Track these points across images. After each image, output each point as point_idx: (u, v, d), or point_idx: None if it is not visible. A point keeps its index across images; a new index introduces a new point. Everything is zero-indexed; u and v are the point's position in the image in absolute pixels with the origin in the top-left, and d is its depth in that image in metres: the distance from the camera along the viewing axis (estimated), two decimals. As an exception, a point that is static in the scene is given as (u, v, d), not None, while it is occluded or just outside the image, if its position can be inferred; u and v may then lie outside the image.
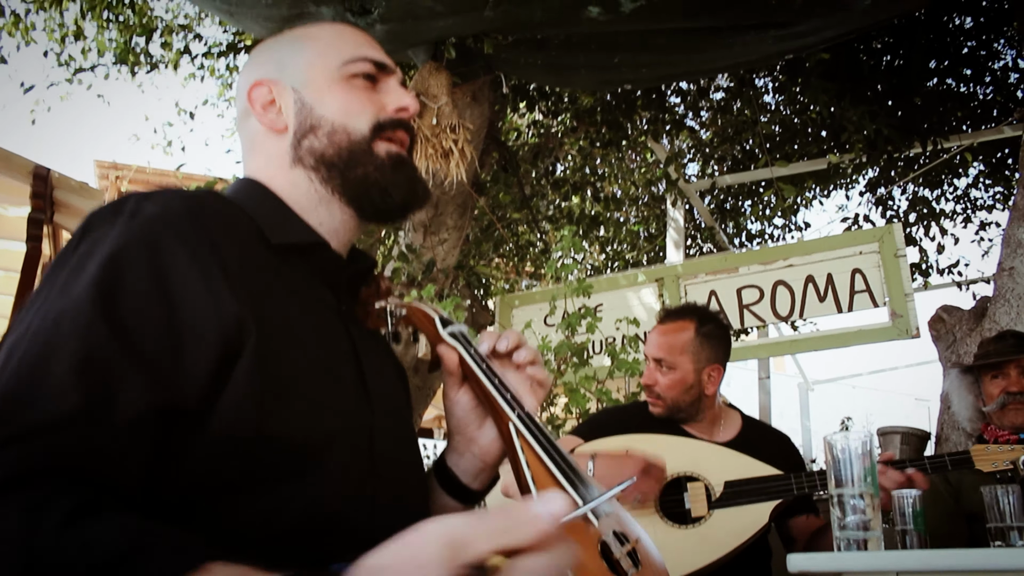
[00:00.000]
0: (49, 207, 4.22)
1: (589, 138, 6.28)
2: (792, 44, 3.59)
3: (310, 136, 1.21)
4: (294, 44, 1.28)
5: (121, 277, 0.91)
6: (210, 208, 1.05)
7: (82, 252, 0.94)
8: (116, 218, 0.96)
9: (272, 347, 0.97)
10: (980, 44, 6.19)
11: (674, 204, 6.34)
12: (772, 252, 4.82)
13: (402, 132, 1.25)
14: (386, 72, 1.27)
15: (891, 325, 4.32)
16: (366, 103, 1.22)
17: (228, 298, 0.95)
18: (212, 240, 0.99)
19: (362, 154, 1.20)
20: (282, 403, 0.97)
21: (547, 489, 1.07)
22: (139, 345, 0.88)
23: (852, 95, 5.40)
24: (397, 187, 1.21)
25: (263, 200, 1.19)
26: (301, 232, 1.17)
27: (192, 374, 0.91)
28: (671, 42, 3.53)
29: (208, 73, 6.20)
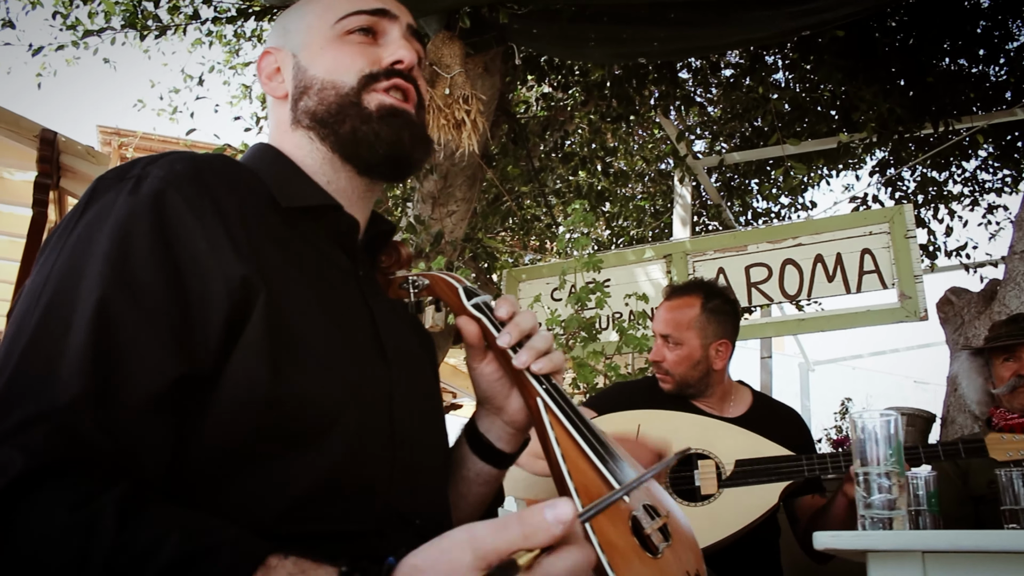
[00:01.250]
0: (55, 172, 4.20)
1: (599, 112, 6.23)
2: (809, 20, 3.54)
3: (304, 97, 1.21)
4: (298, 10, 1.29)
5: (129, 249, 0.90)
6: (217, 171, 1.04)
7: (89, 219, 0.93)
8: (122, 183, 0.96)
9: (282, 307, 0.96)
10: (995, 25, 6.12)
11: (681, 181, 6.30)
12: (781, 230, 4.79)
13: (400, 81, 1.21)
14: (388, 19, 1.25)
15: (899, 306, 4.30)
16: (356, 56, 1.20)
17: (233, 260, 0.94)
18: (218, 204, 0.98)
19: (350, 107, 1.18)
20: (294, 363, 0.95)
21: (577, 464, 1.04)
22: (152, 318, 0.88)
23: (865, 74, 5.35)
24: (381, 139, 1.17)
25: (274, 162, 1.19)
26: (311, 194, 1.16)
27: (203, 339, 0.91)
28: (685, 16, 3.48)
29: (216, 39, 6.15)
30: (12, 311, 0.93)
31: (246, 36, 6.45)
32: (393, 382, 1.10)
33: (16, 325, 0.88)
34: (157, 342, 0.87)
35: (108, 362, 0.84)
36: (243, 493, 0.92)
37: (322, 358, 0.99)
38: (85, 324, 0.84)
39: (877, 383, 15.56)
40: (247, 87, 6.91)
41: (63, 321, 0.85)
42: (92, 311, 0.85)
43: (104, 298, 0.86)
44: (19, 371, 0.83)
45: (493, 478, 1.29)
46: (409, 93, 1.22)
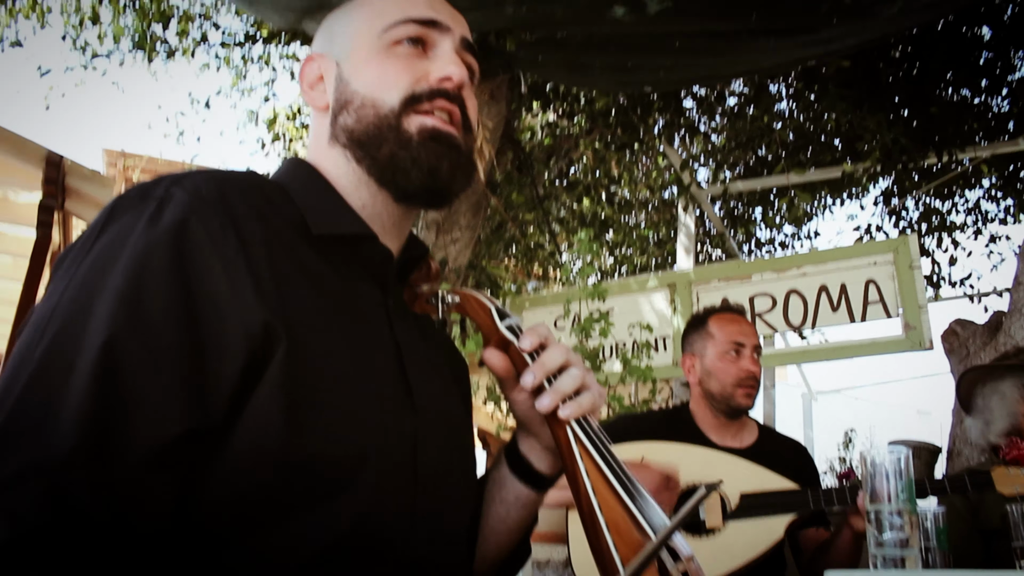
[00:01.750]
0: (60, 194, 4.20)
1: (604, 140, 6.25)
2: (815, 50, 3.56)
3: (343, 112, 1.12)
4: (346, 14, 1.20)
5: (143, 287, 0.83)
6: (245, 195, 0.97)
7: (104, 245, 0.87)
8: (144, 205, 0.89)
9: (303, 355, 0.90)
10: (997, 56, 6.15)
11: (685, 209, 6.31)
12: (785, 260, 4.79)
13: (443, 102, 1.10)
14: (440, 30, 1.14)
15: (904, 337, 4.29)
16: (402, 72, 1.10)
17: (255, 304, 0.88)
18: (243, 236, 0.91)
19: (388, 130, 1.08)
20: (313, 416, 0.90)
21: (607, 500, 1.00)
22: (161, 366, 0.82)
23: (869, 104, 5.37)
24: (419, 165, 1.07)
25: (308, 182, 1.11)
26: (345, 222, 1.08)
27: (216, 390, 0.85)
28: (692, 45, 3.50)
29: (223, 63, 6.19)
30: (19, 335, 0.87)
31: (253, 60, 6.49)
32: (419, 428, 1.04)
33: (19, 357, 0.82)
34: (165, 393, 0.81)
35: (110, 412, 0.78)
36: (253, 552, 0.87)
37: (343, 412, 0.94)
38: (89, 368, 0.78)
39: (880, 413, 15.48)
40: (253, 112, 6.95)
41: (67, 361, 0.79)
42: (97, 354, 0.79)
43: (111, 340, 0.80)
44: (18, 410, 0.77)
45: (532, 501, 1.22)
46: (454, 115, 1.12)
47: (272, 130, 5.81)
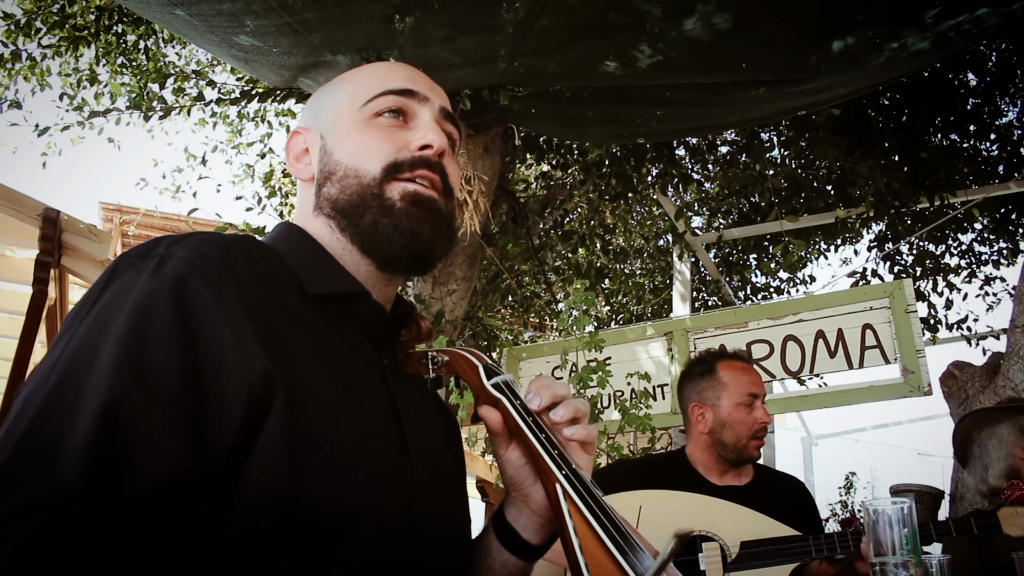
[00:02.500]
0: (57, 250, 4.21)
1: (598, 190, 6.30)
2: (805, 100, 3.61)
3: (327, 183, 1.16)
4: (330, 89, 1.25)
5: (147, 333, 0.85)
6: (244, 254, 0.99)
7: (108, 299, 0.88)
8: (145, 262, 0.91)
9: (303, 406, 0.91)
10: (985, 101, 6.25)
11: (680, 257, 6.34)
12: (782, 307, 4.80)
13: (424, 171, 1.14)
14: (418, 100, 1.20)
15: (903, 382, 4.27)
16: (383, 142, 1.15)
17: (256, 353, 0.89)
18: (243, 290, 0.94)
19: (371, 198, 1.12)
20: (313, 467, 0.90)
21: (595, 556, 0.98)
22: (164, 408, 0.82)
23: (861, 150, 5.43)
24: (400, 231, 1.11)
25: (300, 245, 1.14)
26: (339, 281, 1.10)
27: (217, 435, 0.85)
28: (683, 97, 3.55)
29: (219, 120, 6.26)
30: (18, 390, 0.87)
31: (249, 117, 6.57)
32: (415, 481, 1.04)
33: (22, 403, 0.82)
34: (167, 433, 0.82)
35: (113, 450, 0.78)
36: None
37: (342, 461, 0.94)
38: (93, 409, 0.79)
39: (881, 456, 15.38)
40: (250, 166, 7.01)
41: (70, 404, 0.80)
42: (101, 396, 0.79)
43: (115, 383, 0.80)
44: (23, 447, 0.77)
45: (519, 570, 1.20)
46: (435, 183, 1.15)
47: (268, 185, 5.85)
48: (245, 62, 3.90)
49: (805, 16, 2.86)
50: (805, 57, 3.07)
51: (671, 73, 3.16)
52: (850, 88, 3.54)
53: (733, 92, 3.40)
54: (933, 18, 2.84)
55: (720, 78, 3.28)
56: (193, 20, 3.39)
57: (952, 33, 2.95)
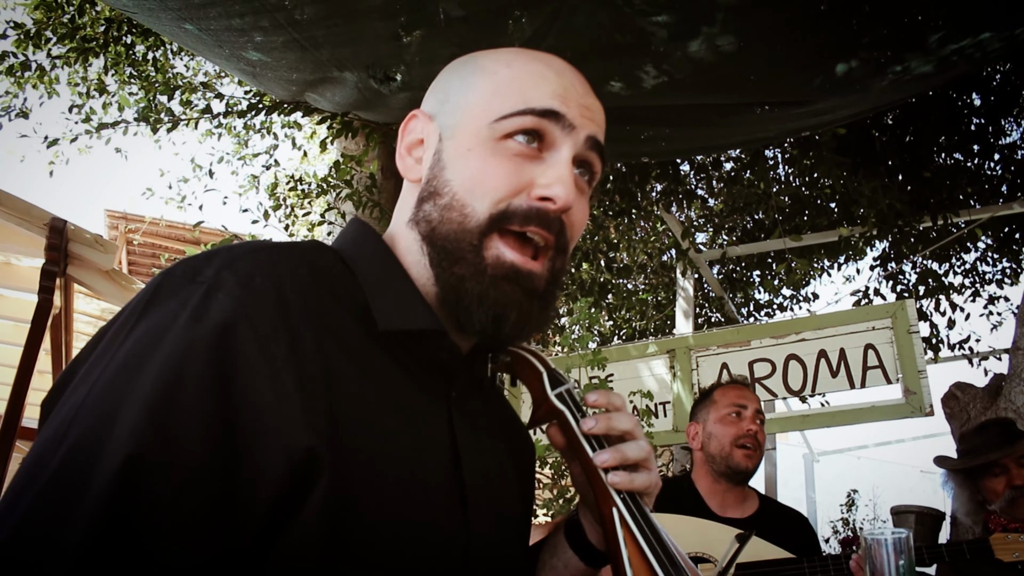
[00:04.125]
0: (63, 260, 4.23)
1: (602, 207, 6.32)
2: (809, 121, 3.62)
3: (430, 201, 0.99)
4: (467, 75, 1.05)
5: (177, 396, 0.74)
6: (304, 286, 0.87)
7: (143, 333, 0.78)
8: (191, 289, 0.80)
9: (348, 482, 0.81)
10: (988, 121, 6.27)
11: (684, 274, 6.35)
12: (784, 326, 4.80)
13: (537, 227, 0.96)
14: (563, 127, 0.99)
15: (904, 402, 4.28)
16: (504, 178, 0.96)
17: (300, 424, 0.78)
18: (295, 343, 0.81)
19: (468, 249, 0.95)
20: (357, 542, 0.81)
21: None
22: (186, 489, 0.73)
23: (865, 170, 5.45)
24: (484, 307, 0.95)
25: (378, 264, 1.00)
26: (417, 316, 0.96)
27: (247, 516, 0.76)
28: (689, 117, 3.57)
29: (226, 131, 6.29)
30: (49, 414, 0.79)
31: (255, 128, 6.60)
32: (472, 534, 0.95)
33: (36, 456, 0.74)
34: (190, 517, 0.72)
35: (124, 536, 0.70)
36: None
37: (389, 533, 0.85)
38: (106, 485, 0.70)
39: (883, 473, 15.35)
40: (255, 177, 7.03)
41: (84, 472, 0.71)
42: (116, 470, 0.70)
43: (133, 456, 0.71)
44: (26, 525, 0.70)
45: (581, 574, 1.13)
46: (548, 241, 0.98)
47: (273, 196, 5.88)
48: (253, 76, 3.93)
49: (809, 39, 2.88)
50: (809, 79, 3.08)
51: (676, 94, 3.18)
52: (854, 110, 3.56)
53: (738, 112, 3.42)
54: (936, 42, 2.86)
55: (725, 99, 3.30)
56: (202, 35, 3.42)
57: (955, 57, 2.96)
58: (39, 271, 4.17)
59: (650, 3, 2.61)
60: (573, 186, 0.99)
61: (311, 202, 5.79)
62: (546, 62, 1.04)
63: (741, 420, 2.83)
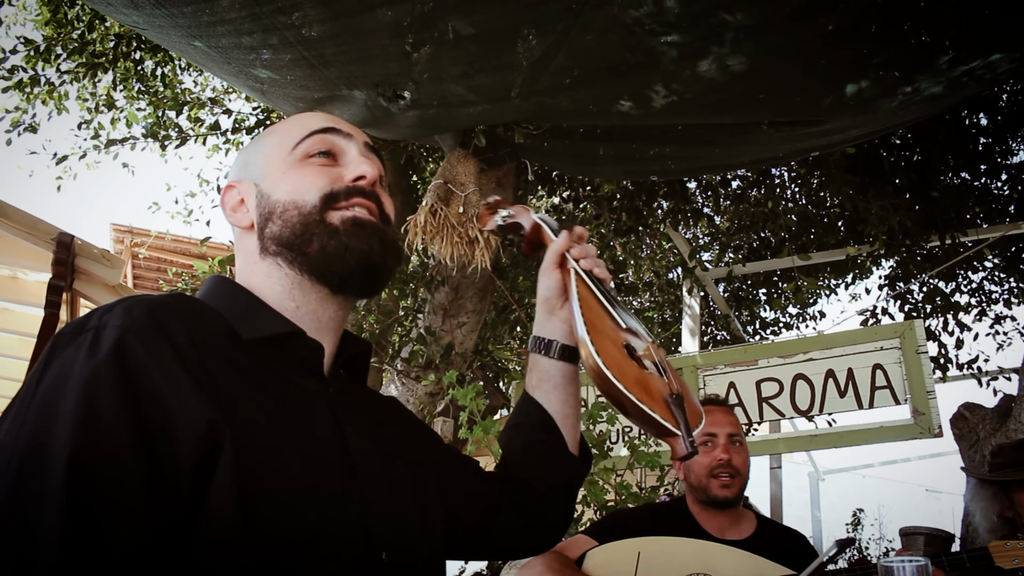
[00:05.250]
0: (70, 274, 4.24)
1: (609, 224, 6.32)
2: (819, 142, 3.62)
3: (269, 223, 1.19)
4: (257, 142, 1.30)
5: (95, 405, 0.87)
6: (175, 312, 1.02)
7: (50, 381, 0.91)
8: (81, 338, 0.94)
9: (249, 446, 0.95)
10: (996, 141, 6.26)
11: (690, 292, 6.34)
12: (792, 345, 4.79)
13: (361, 199, 1.20)
14: (343, 137, 1.27)
15: (913, 423, 4.26)
16: (318, 176, 1.20)
17: (197, 403, 0.93)
18: (176, 346, 0.97)
19: (314, 224, 1.16)
20: (265, 503, 0.95)
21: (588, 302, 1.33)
22: (126, 472, 0.86)
23: (873, 189, 5.44)
24: (351, 250, 1.16)
25: (231, 296, 1.17)
26: (272, 323, 1.13)
27: (175, 489, 0.90)
28: (697, 136, 3.56)
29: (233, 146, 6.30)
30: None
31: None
32: (365, 499, 1.09)
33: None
34: (133, 498, 0.86)
35: (86, 527, 0.82)
36: None
37: (292, 493, 0.98)
38: (58, 490, 0.82)
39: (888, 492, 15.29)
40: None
41: (37, 488, 0.83)
42: (63, 475, 0.83)
43: (75, 459, 0.84)
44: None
45: (574, 373, 1.44)
46: (372, 210, 1.21)
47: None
48: (261, 93, 3.93)
49: (819, 59, 2.88)
50: (819, 100, 3.08)
51: (685, 113, 3.18)
52: (864, 130, 3.55)
53: (747, 132, 3.42)
54: (947, 63, 2.85)
55: (734, 119, 3.30)
56: (211, 52, 3.42)
57: (965, 78, 2.96)
58: (46, 285, 4.17)
59: (661, 23, 2.61)
60: (375, 167, 1.24)
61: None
62: (310, 112, 1.32)
63: (714, 448, 2.78)
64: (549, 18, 2.72)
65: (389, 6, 2.79)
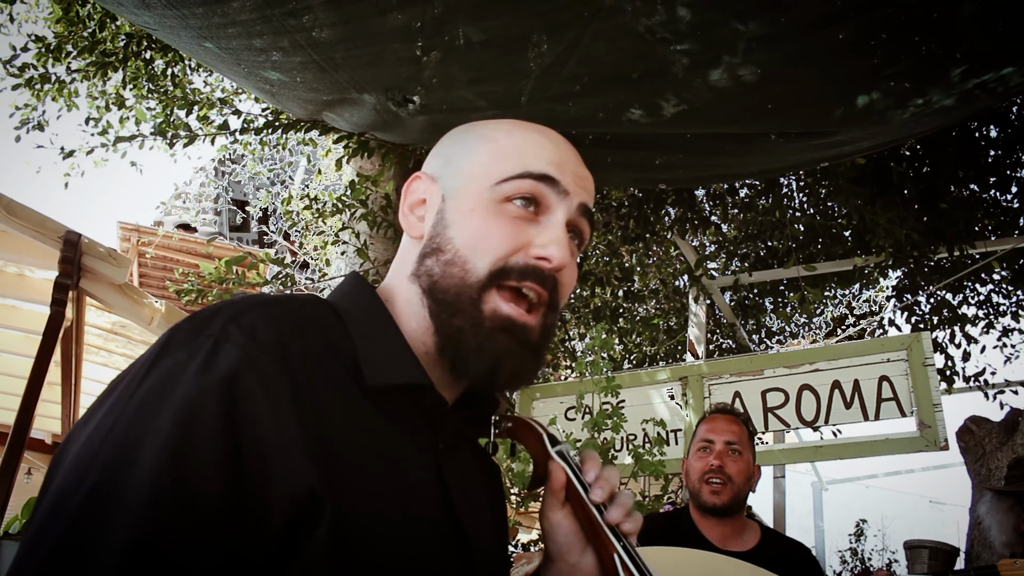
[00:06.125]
0: (76, 273, 4.24)
1: (617, 232, 6.31)
2: (829, 152, 3.60)
3: (432, 257, 1.07)
4: (469, 142, 1.14)
5: (191, 437, 0.79)
6: (303, 336, 0.93)
7: (154, 383, 0.83)
8: (198, 342, 0.86)
9: (348, 521, 0.87)
10: (1005, 153, 6.25)
11: (696, 300, 6.33)
12: (798, 355, 4.77)
13: (533, 283, 1.04)
14: (557, 192, 1.08)
15: (919, 436, 4.24)
16: (504, 238, 1.04)
17: (303, 465, 0.84)
18: (296, 391, 0.87)
19: (468, 302, 1.03)
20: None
21: None
22: (204, 524, 0.77)
23: (881, 200, 5.43)
24: (481, 357, 1.02)
25: (371, 319, 1.06)
26: (403, 371, 1.01)
27: (257, 553, 0.81)
28: (707, 145, 3.55)
29: (242, 147, 6.31)
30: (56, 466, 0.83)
31: (271, 145, 6.62)
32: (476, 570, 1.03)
33: (56, 498, 0.77)
34: (206, 553, 0.77)
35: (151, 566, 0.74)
36: None
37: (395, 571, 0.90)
38: (129, 525, 0.74)
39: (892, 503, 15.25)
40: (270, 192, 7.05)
41: (103, 516, 0.74)
42: (139, 512, 0.75)
43: (155, 496, 0.76)
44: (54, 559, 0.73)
45: None
46: (541, 297, 1.06)
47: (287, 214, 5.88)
48: (271, 95, 3.93)
49: (831, 70, 2.86)
50: (830, 111, 3.06)
51: (696, 122, 3.17)
52: (874, 142, 3.54)
53: (756, 142, 3.40)
54: (959, 76, 2.84)
55: (744, 129, 3.28)
56: (222, 53, 3.42)
57: (977, 91, 2.94)
58: (52, 283, 4.18)
59: (673, 32, 2.60)
60: (567, 247, 1.07)
61: (324, 220, 5.80)
62: (544, 133, 1.14)
63: (708, 455, 2.82)
64: (560, 25, 2.71)
65: (400, 10, 2.78)
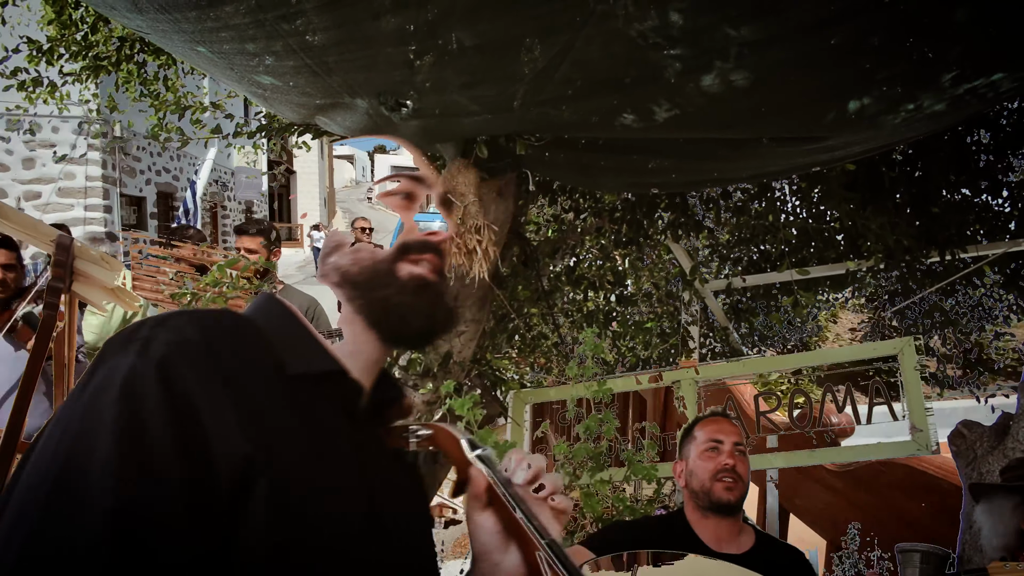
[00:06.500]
0: (68, 276, 4.23)
1: (610, 236, 6.32)
2: (820, 157, 3.61)
3: (336, 252, 1.22)
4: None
5: (138, 417, 0.87)
6: (226, 335, 1.02)
7: (96, 384, 0.91)
8: (129, 346, 0.93)
9: (284, 489, 0.94)
10: (997, 158, 6.27)
11: (689, 304, 6.33)
12: (790, 360, 4.78)
13: (430, 255, 1.21)
14: (423, 186, 1.29)
15: (910, 439, 4.25)
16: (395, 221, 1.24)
17: (238, 437, 0.92)
18: (224, 373, 0.96)
19: (384, 275, 1.18)
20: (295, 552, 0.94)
21: None
22: (166, 494, 0.85)
23: (873, 204, 5.44)
24: (416, 313, 1.17)
25: (281, 322, 1.16)
26: (318, 360, 1.13)
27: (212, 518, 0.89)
28: (700, 149, 3.56)
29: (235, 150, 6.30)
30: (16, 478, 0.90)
31: (264, 148, 6.61)
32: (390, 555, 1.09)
33: (22, 498, 0.85)
34: (177, 517, 0.85)
35: (132, 537, 0.82)
36: None
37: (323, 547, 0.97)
38: (102, 504, 0.82)
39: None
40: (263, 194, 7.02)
41: (77, 499, 0.82)
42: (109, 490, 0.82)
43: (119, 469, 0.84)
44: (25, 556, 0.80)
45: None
46: (435, 263, 1.22)
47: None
48: (264, 99, 3.93)
49: (823, 76, 2.87)
50: (821, 116, 3.07)
51: (688, 127, 3.18)
52: (866, 147, 3.55)
53: (749, 146, 3.42)
54: (950, 81, 2.85)
55: (736, 133, 3.29)
56: (214, 57, 3.42)
57: (968, 96, 2.96)
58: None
59: (665, 37, 2.60)
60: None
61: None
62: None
63: (719, 454, 2.85)
64: (553, 29, 2.72)
65: (393, 14, 2.79)
